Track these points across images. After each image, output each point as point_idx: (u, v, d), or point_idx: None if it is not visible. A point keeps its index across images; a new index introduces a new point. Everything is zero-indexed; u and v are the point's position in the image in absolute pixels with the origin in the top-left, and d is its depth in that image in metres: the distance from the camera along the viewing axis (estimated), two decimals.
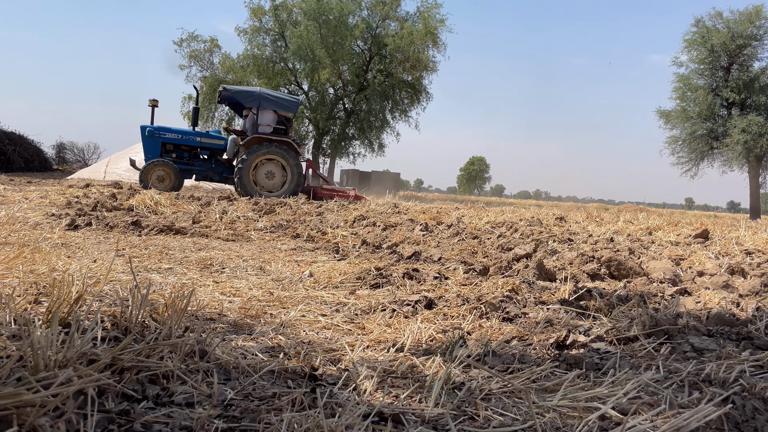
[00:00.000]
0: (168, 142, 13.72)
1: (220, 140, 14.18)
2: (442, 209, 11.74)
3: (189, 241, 5.34)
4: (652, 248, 5.67)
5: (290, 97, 14.52)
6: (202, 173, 13.93)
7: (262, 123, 13.78)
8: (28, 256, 3.25)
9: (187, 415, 1.29)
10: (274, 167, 13.63)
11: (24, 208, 6.84)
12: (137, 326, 1.90)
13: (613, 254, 4.36)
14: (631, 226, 8.68)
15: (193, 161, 13.97)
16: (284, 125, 14.11)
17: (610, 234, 6.86)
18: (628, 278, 4.04)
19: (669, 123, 38.58)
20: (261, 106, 13.74)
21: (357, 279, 3.71)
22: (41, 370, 1.35)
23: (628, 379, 1.78)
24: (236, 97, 14.07)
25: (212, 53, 39.35)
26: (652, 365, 1.98)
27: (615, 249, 5.21)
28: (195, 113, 14.12)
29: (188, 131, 14.01)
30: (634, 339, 2.34)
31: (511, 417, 1.54)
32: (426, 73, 39.83)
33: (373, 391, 1.69)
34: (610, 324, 2.55)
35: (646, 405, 1.59)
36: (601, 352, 2.19)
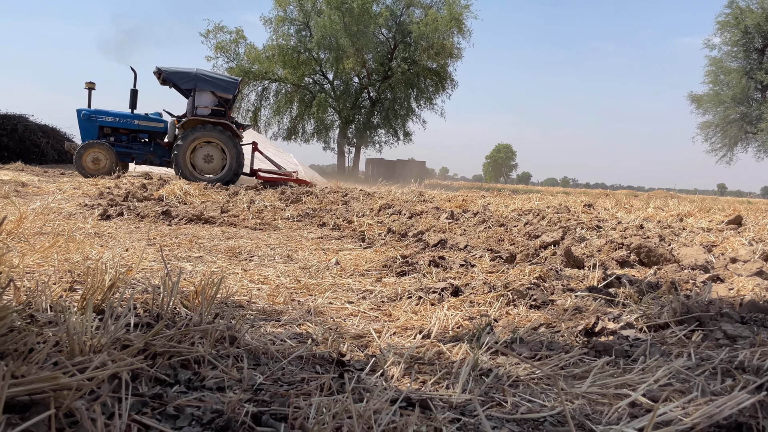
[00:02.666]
0: (105, 125, 13.28)
1: (159, 123, 13.57)
2: (468, 197, 11.68)
3: (218, 230, 5.41)
4: (683, 235, 5.57)
5: (228, 78, 13.84)
6: (141, 157, 13.47)
7: (200, 105, 13.24)
8: (62, 246, 3.33)
9: (219, 398, 1.32)
10: (213, 150, 13.11)
11: (58, 199, 7.01)
12: (169, 313, 1.94)
13: (643, 241, 4.29)
14: (662, 213, 8.53)
15: (132, 144, 13.50)
16: (223, 107, 13.50)
17: (640, 221, 6.75)
18: (659, 265, 3.97)
19: (701, 108, 37.71)
20: (198, 88, 13.19)
21: (383, 267, 3.72)
22: (77, 355, 1.38)
23: (659, 366, 1.76)
24: (172, 79, 13.32)
25: (238, 44, 39.57)
26: (684, 352, 1.95)
27: (645, 236, 5.13)
28: (133, 96, 13.46)
29: (126, 114, 13.47)
30: (664, 326, 2.30)
31: (540, 403, 1.53)
32: (451, 60, 39.53)
33: (400, 377, 1.70)
34: (640, 311, 2.52)
35: (678, 392, 1.57)
36: (630, 339, 2.16)
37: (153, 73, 13.43)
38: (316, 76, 41.29)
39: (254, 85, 40.71)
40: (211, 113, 13.36)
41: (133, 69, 13.17)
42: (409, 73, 39.16)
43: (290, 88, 40.91)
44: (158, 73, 13.30)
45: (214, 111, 13.41)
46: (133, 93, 13.41)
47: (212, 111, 13.38)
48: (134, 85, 13.36)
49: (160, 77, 13.40)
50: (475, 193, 15.20)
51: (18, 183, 8.83)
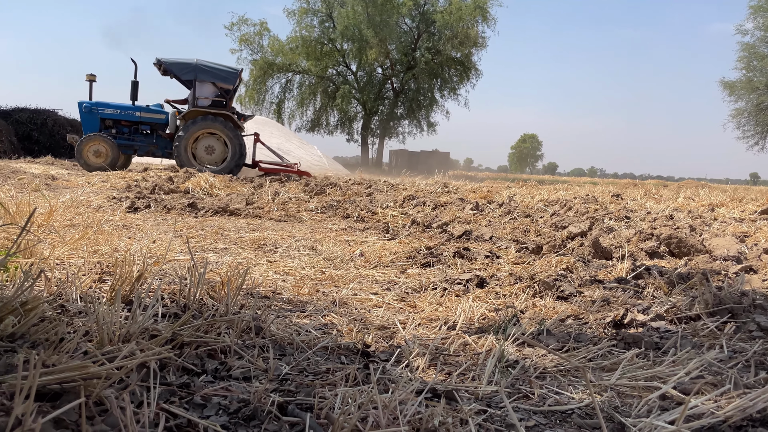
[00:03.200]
0: (107, 117, 13.15)
1: (161, 114, 13.40)
2: (493, 188, 11.59)
3: (243, 222, 5.45)
4: (715, 225, 5.45)
5: (228, 68, 13.55)
6: (144, 148, 13.35)
7: (200, 96, 13.10)
8: (91, 238, 3.39)
9: (245, 388, 1.33)
10: (214, 141, 12.97)
11: (87, 192, 7.14)
12: (195, 303, 1.96)
13: (673, 231, 4.21)
14: (692, 203, 8.36)
15: (134, 136, 13.37)
16: (224, 97, 13.32)
17: (670, 211, 6.62)
18: (689, 256, 3.89)
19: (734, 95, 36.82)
20: (198, 78, 13.01)
21: (407, 258, 3.71)
22: (106, 345, 1.40)
23: (690, 359, 1.72)
24: (172, 70, 13.15)
25: (262, 36, 39.74)
26: (716, 344, 1.91)
27: (675, 226, 5.03)
28: (134, 87, 13.28)
29: (127, 106, 13.29)
30: (696, 318, 2.26)
31: (567, 396, 1.51)
32: (475, 49, 39.18)
33: (425, 368, 1.69)
34: (671, 302, 2.47)
35: (710, 385, 1.53)
36: (661, 331, 2.12)
37: (153, 65, 13.31)
38: (340, 67, 41.31)
39: (278, 77, 40.91)
40: (212, 104, 13.20)
41: (133, 60, 13.07)
42: (433, 63, 38.93)
43: (314, 80, 41.01)
44: (158, 64, 13.18)
45: (214, 102, 13.24)
46: (134, 84, 13.27)
47: (213, 102, 13.23)
48: (135, 77, 13.22)
49: (161, 68, 13.28)
50: (500, 183, 15.07)
51: (48, 176, 9.02)
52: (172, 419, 1.09)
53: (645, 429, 1.27)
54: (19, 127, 20.68)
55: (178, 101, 13.60)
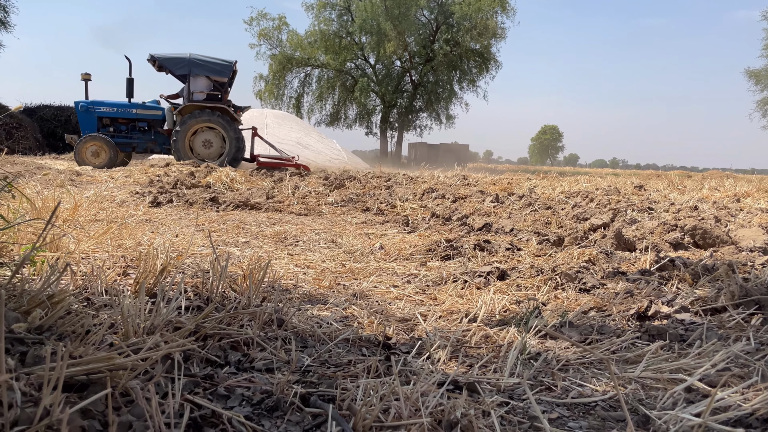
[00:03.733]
0: (103, 116, 13.17)
1: (157, 110, 13.41)
2: (513, 180, 11.51)
3: (264, 216, 5.49)
4: (741, 216, 5.35)
5: (222, 61, 13.43)
6: (142, 145, 13.37)
7: (195, 90, 13.06)
8: (116, 232, 3.44)
9: (268, 380, 1.34)
10: (211, 135, 12.99)
11: (110, 187, 7.24)
12: (218, 296, 1.98)
13: (697, 222, 4.14)
14: (717, 193, 8.22)
15: (132, 134, 13.38)
16: (219, 91, 13.27)
17: (694, 202, 6.51)
18: (715, 247, 3.82)
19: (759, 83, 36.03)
20: (192, 73, 12.98)
21: (427, 251, 3.70)
22: (131, 336, 1.42)
23: (716, 351, 1.69)
24: (166, 65, 13.12)
25: (280, 31, 39.83)
26: (742, 336, 1.87)
27: (700, 217, 4.94)
28: (129, 85, 13.21)
29: (123, 104, 13.31)
30: (721, 309, 2.22)
31: (591, 388, 1.49)
32: (494, 40, 38.83)
33: (446, 360, 1.69)
34: (696, 294, 2.43)
35: (736, 377, 1.51)
36: (686, 323, 2.09)
37: (147, 61, 13.27)
38: (358, 60, 41.25)
39: (297, 71, 41.00)
40: (208, 98, 13.16)
41: (127, 58, 13.03)
42: (452, 55, 38.68)
43: (332, 74, 41.02)
44: (153, 60, 13.16)
45: (210, 95, 13.19)
46: (129, 82, 13.23)
47: (208, 95, 13.18)
48: (130, 74, 13.20)
49: (155, 64, 13.26)
50: (520, 175, 14.95)
51: (73, 172, 9.16)
52: (196, 410, 1.11)
53: (670, 421, 1.25)
54: (44, 124, 21.04)
55: (173, 96, 13.61)
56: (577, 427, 1.27)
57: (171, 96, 13.62)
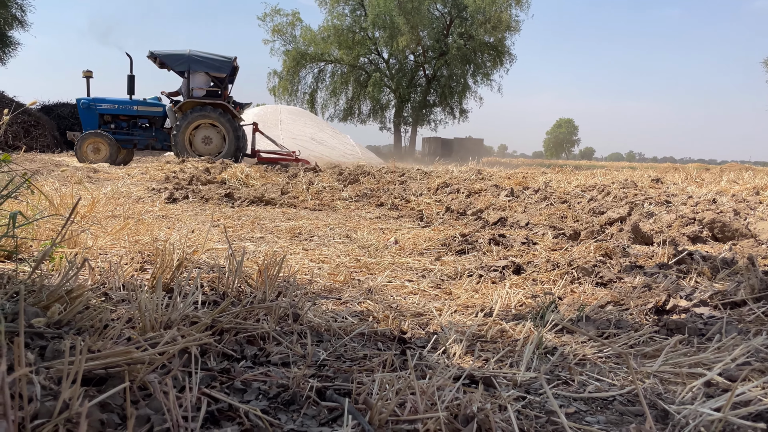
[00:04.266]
0: (105, 113, 13.15)
1: (158, 107, 13.38)
2: (528, 174, 11.44)
3: (278, 212, 5.51)
4: (760, 208, 5.27)
5: (221, 57, 13.33)
6: (143, 142, 13.36)
7: (195, 86, 13.02)
8: (132, 228, 3.47)
9: (284, 374, 1.34)
10: (211, 132, 12.93)
11: (127, 184, 7.30)
12: (234, 291, 1.99)
13: (716, 215, 4.09)
14: (736, 186, 8.10)
15: (133, 130, 13.37)
16: (218, 87, 13.23)
17: (713, 195, 6.43)
18: (734, 240, 3.78)
19: None
20: (192, 69, 12.93)
21: (442, 245, 3.69)
22: (148, 331, 1.43)
23: (736, 345, 1.67)
24: (166, 62, 13.10)
25: (294, 26, 39.88)
26: (762, 330, 1.85)
27: (718, 210, 4.88)
28: (130, 81, 13.18)
29: (124, 100, 13.27)
30: (741, 303, 2.19)
31: (608, 382, 1.48)
32: (509, 33, 38.56)
33: (462, 355, 1.68)
34: (715, 288, 2.40)
35: (757, 372, 1.49)
36: (704, 317, 2.07)
37: (147, 57, 13.25)
38: (371, 55, 41.18)
39: (310, 67, 41.04)
40: (207, 94, 13.14)
41: (128, 55, 13.00)
42: (466, 49, 38.48)
43: (345, 69, 41.01)
44: (153, 57, 13.15)
45: (209, 92, 13.17)
46: (130, 79, 13.21)
47: (208, 92, 13.16)
48: (131, 71, 13.20)
49: (156, 61, 13.26)
50: (535, 169, 14.85)
51: (90, 169, 9.26)
52: (213, 403, 1.11)
53: (690, 416, 1.23)
54: (61, 121, 21.28)
55: (174, 93, 13.64)
56: (595, 421, 1.26)
57: (172, 93, 13.68)
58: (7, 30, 25.86)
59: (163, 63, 13.23)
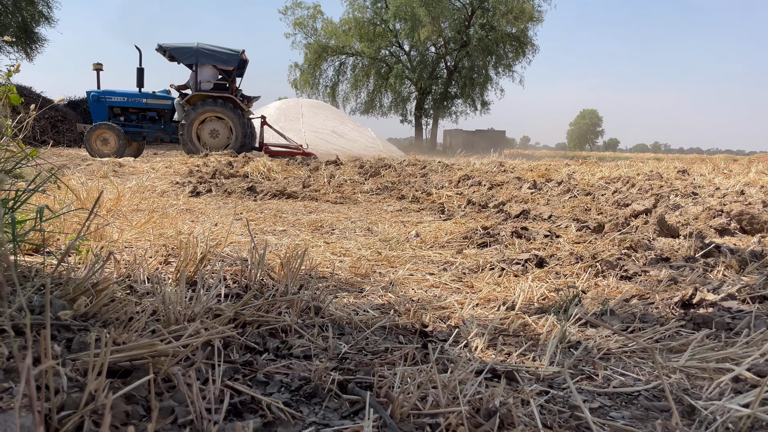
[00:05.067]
0: (114, 105, 13.32)
1: (167, 100, 13.53)
2: (551, 166, 11.31)
3: (300, 205, 5.53)
4: None
5: (229, 50, 13.37)
6: (152, 135, 13.49)
7: (202, 79, 13.11)
8: (157, 221, 3.51)
9: (306, 366, 1.34)
10: (218, 125, 13.02)
11: (152, 178, 7.39)
12: (256, 284, 2.00)
13: (744, 207, 4.00)
14: (765, 177, 7.92)
15: (142, 123, 13.51)
16: (226, 80, 13.27)
17: (741, 186, 6.29)
18: (763, 233, 3.70)
19: None
20: (199, 62, 13.00)
21: (464, 238, 3.67)
22: (172, 324, 1.45)
23: (765, 339, 1.63)
24: (175, 55, 13.19)
25: (315, 19, 39.92)
26: None
27: (746, 202, 4.78)
28: (139, 74, 13.28)
29: (134, 93, 13.42)
30: None
31: (633, 377, 1.46)
32: (531, 23, 38.11)
33: (484, 349, 1.67)
34: (743, 281, 2.35)
35: None
36: (732, 311, 2.03)
37: (156, 50, 13.32)
38: (392, 47, 41.06)
39: (331, 60, 41.08)
40: (215, 87, 13.20)
41: (137, 47, 13.06)
42: (487, 40, 38.13)
43: (366, 62, 40.96)
44: (162, 50, 13.23)
45: (217, 85, 13.23)
46: (140, 72, 13.30)
47: (216, 85, 13.22)
48: (140, 64, 13.28)
49: (166, 54, 13.33)
50: (558, 161, 14.68)
51: (115, 163, 9.39)
52: (236, 396, 1.12)
53: (717, 412, 1.21)
54: (87, 116, 21.57)
55: (183, 87, 13.73)
56: (620, 416, 1.24)
57: (181, 86, 13.76)
58: (34, 27, 26.32)
59: (172, 56, 13.32)
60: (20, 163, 2.00)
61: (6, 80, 2.11)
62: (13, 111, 2.32)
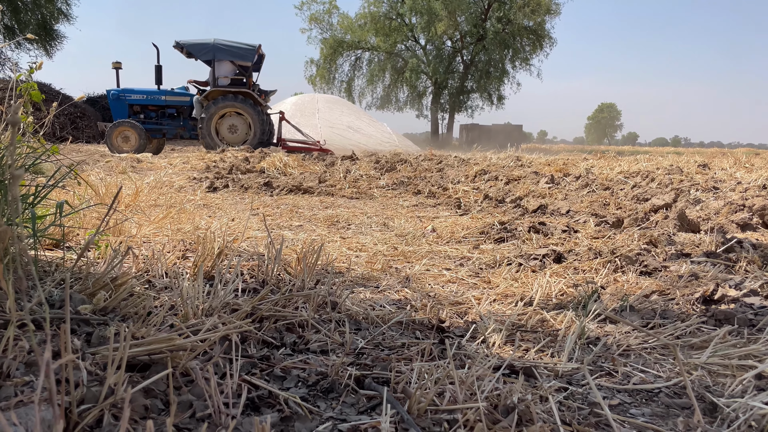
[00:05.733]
0: (134, 103, 13.46)
1: (185, 96, 13.67)
2: (569, 160, 11.21)
3: (316, 200, 5.54)
4: None
5: (246, 45, 13.49)
6: (172, 131, 13.58)
7: (220, 75, 13.19)
8: (174, 217, 3.54)
9: (323, 361, 1.35)
10: (237, 120, 13.10)
11: (169, 173, 7.45)
12: (273, 279, 2.00)
13: (766, 202, 3.93)
14: None
15: (162, 120, 13.65)
16: (243, 75, 13.35)
17: (763, 180, 6.18)
18: None
19: None
20: (216, 58, 13.07)
21: (480, 233, 3.65)
22: (190, 318, 1.46)
23: None
24: (192, 51, 13.30)
25: (331, 14, 39.92)
26: None
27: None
28: (158, 72, 13.36)
29: (152, 91, 13.57)
30: None
31: (653, 374, 1.44)
32: (549, 16, 37.77)
33: (501, 345, 1.66)
34: (766, 277, 2.31)
35: None
36: (755, 307, 1.99)
37: (173, 47, 13.38)
38: (408, 42, 40.94)
39: (347, 55, 41.07)
40: (233, 82, 13.27)
41: (155, 45, 13.15)
42: (504, 34, 37.86)
43: (383, 57, 40.90)
44: (180, 47, 13.29)
45: (234, 80, 13.29)
46: (158, 69, 13.37)
47: (233, 80, 13.28)
48: (158, 61, 13.34)
49: (183, 51, 13.40)
50: (576, 156, 14.55)
51: (133, 159, 9.48)
52: (253, 390, 1.12)
53: (740, 410, 1.19)
54: (106, 113, 21.82)
55: (201, 83, 13.81)
56: (640, 414, 1.23)
57: (199, 82, 13.85)
58: (53, 24, 26.63)
59: (189, 53, 13.43)
60: (40, 159, 2.02)
61: (28, 77, 2.14)
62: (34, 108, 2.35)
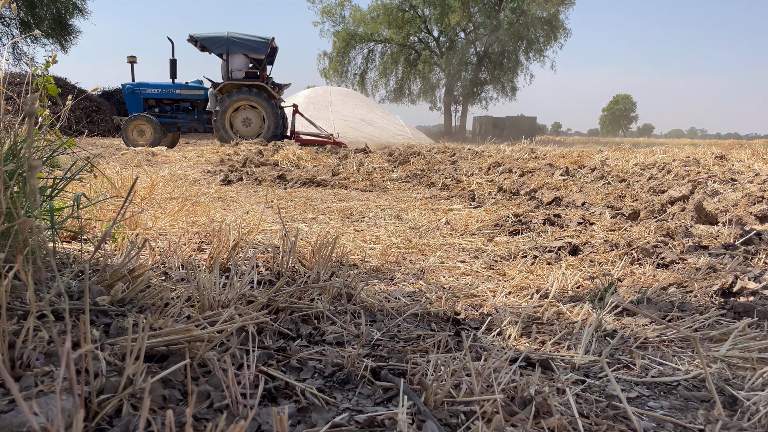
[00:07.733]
0: (149, 97, 13.55)
1: (199, 90, 13.76)
2: (584, 152, 11.11)
3: (330, 193, 5.55)
4: None
5: (259, 38, 13.41)
6: (186, 125, 13.64)
7: (234, 68, 13.21)
8: (190, 209, 3.56)
9: (338, 353, 1.35)
10: (251, 114, 13.14)
11: (184, 167, 7.50)
12: (288, 271, 2.01)
13: None
14: None
15: (176, 114, 13.74)
16: (257, 68, 13.37)
17: None
18: None
19: None
20: (230, 51, 13.09)
21: (495, 226, 3.64)
22: (207, 309, 1.47)
23: None
24: (206, 45, 13.31)
25: (343, 7, 39.82)
26: None
27: None
28: (172, 66, 13.50)
29: (167, 84, 13.65)
30: None
31: (672, 367, 1.43)
32: (563, 7, 37.40)
33: (517, 337, 1.65)
34: None
35: None
36: None
37: (187, 41, 13.40)
38: (421, 34, 40.75)
39: (360, 48, 40.98)
40: (247, 76, 13.30)
41: (170, 39, 13.18)
42: (518, 25, 37.57)
43: (395, 49, 40.76)
44: (194, 40, 13.32)
45: (248, 73, 13.32)
46: (172, 63, 13.45)
47: (246, 74, 13.31)
48: (172, 55, 13.42)
49: (197, 44, 13.42)
50: (591, 148, 14.41)
51: (149, 153, 9.55)
52: (270, 381, 1.13)
53: (760, 403, 1.18)
54: (121, 107, 21.98)
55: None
56: (658, 406, 1.22)
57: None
58: (68, 18, 26.82)
59: (203, 46, 13.46)
60: (57, 152, 2.04)
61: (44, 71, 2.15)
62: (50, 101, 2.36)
